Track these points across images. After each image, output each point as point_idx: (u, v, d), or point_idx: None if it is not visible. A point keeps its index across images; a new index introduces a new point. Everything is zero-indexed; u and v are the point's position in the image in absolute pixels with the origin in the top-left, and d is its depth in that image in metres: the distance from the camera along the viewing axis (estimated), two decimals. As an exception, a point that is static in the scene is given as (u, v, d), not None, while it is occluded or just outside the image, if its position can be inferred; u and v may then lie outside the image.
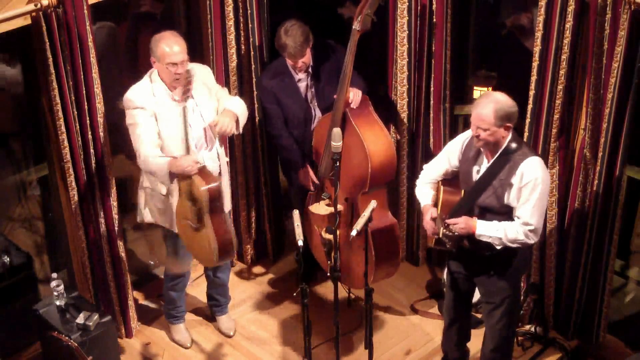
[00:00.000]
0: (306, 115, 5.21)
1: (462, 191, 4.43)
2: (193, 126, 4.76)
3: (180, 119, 4.66)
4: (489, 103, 4.17)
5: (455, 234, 4.32)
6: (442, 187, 4.48)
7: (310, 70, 5.16)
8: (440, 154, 4.60)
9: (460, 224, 4.30)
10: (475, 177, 4.37)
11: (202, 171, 4.62)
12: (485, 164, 4.34)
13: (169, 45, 4.57)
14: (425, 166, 4.66)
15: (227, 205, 5.03)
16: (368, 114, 5.03)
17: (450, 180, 4.55)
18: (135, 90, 4.72)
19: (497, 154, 4.27)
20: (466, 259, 4.57)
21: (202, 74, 4.84)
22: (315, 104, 5.23)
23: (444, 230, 4.34)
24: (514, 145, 4.25)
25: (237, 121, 4.78)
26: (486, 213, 4.33)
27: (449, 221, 4.32)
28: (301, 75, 5.16)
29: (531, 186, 4.21)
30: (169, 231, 5.01)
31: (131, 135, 4.72)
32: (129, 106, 4.68)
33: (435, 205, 4.51)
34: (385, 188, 5.12)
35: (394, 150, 5.05)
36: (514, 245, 4.31)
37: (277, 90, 5.16)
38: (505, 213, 4.30)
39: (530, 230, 4.25)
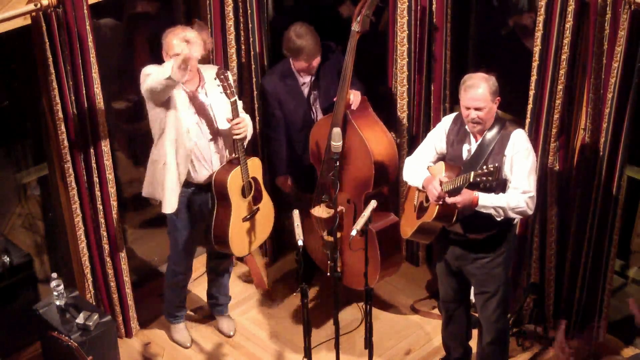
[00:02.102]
0: (308, 118, 5.20)
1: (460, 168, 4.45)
2: (201, 121, 4.75)
3: (185, 107, 4.64)
4: (480, 82, 4.27)
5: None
6: (443, 164, 4.48)
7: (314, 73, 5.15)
8: (423, 144, 4.63)
9: (462, 199, 4.30)
10: (467, 156, 4.43)
11: (232, 162, 4.81)
12: (474, 143, 4.41)
13: (176, 38, 4.54)
14: (408, 159, 4.65)
15: None
16: (368, 115, 5.03)
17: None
18: (152, 65, 4.63)
19: (487, 129, 4.36)
20: (458, 247, 4.58)
21: None
22: (317, 106, 5.22)
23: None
24: (499, 119, 4.38)
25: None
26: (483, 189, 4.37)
27: (450, 199, 4.31)
28: (305, 79, 5.14)
29: (524, 154, 4.32)
30: (172, 225, 5.02)
31: (142, 85, 4.61)
32: (143, 72, 4.60)
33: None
34: (387, 187, 5.13)
35: (395, 149, 5.06)
36: (514, 215, 4.36)
37: (282, 94, 5.14)
38: (500, 187, 4.36)
39: (530, 198, 4.33)
